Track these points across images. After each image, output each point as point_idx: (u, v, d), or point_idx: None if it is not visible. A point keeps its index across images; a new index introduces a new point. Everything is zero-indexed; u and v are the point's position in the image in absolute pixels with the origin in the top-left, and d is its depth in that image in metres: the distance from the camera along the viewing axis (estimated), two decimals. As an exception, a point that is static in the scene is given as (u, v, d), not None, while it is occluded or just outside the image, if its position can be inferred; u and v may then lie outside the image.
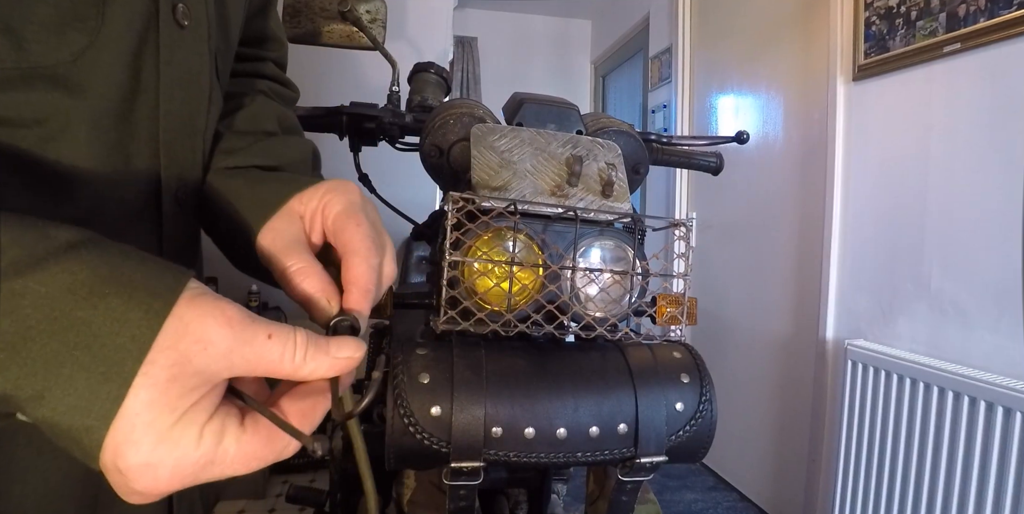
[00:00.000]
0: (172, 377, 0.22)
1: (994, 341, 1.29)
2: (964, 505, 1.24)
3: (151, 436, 0.22)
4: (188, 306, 0.23)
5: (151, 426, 0.22)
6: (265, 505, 1.89)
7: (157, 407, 0.22)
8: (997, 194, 1.28)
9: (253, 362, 0.24)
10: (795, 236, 1.97)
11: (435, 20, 2.28)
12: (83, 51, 0.30)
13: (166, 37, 0.35)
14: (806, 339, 1.88)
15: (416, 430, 0.51)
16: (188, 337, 0.23)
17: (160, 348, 0.22)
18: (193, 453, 0.23)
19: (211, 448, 0.24)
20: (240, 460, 0.25)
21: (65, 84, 0.30)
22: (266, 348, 0.25)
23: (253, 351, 0.24)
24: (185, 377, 0.23)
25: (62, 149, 0.31)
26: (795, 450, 1.93)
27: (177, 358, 0.23)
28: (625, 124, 0.78)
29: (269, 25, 0.56)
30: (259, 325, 0.25)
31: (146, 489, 0.23)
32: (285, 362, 0.25)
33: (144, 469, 0.22)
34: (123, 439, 0.22)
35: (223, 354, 0.24)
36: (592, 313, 0.59)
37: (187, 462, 0.23)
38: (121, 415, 0.22)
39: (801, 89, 1.94)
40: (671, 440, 0.56)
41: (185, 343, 0.23)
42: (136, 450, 0.22)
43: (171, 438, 0.23)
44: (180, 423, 0.23)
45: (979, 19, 1.29)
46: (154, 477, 0.23)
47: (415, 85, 0.94)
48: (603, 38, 4.05)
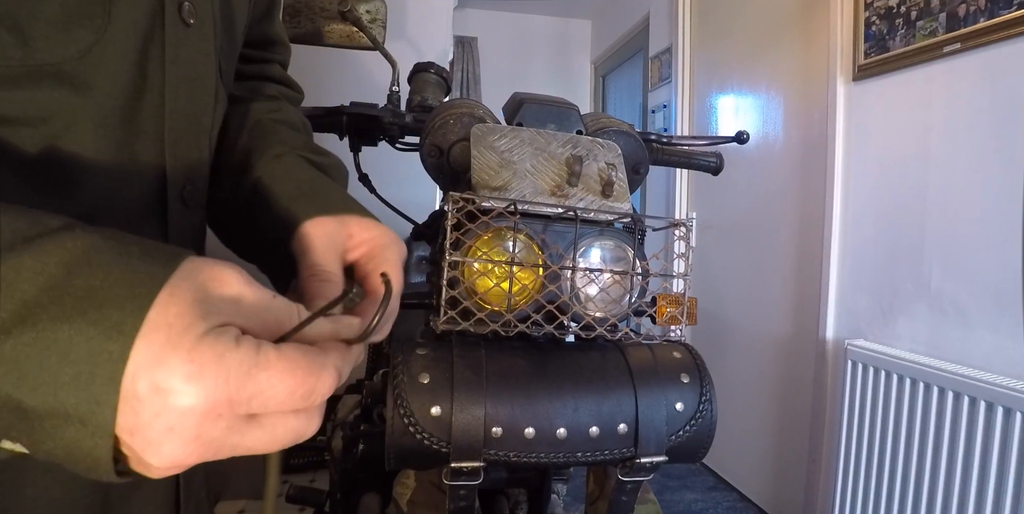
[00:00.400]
0: (195, 299, 0.22)
1: (994, 341, 1.29)
2: (964, 505, 1.24)
3: (188, 338, 0.21)
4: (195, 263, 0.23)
5: (187, 330, 0.21)
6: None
7: (187, 316, 0.21)
8: (997, 194, 1.28)
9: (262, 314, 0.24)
10: (795, 236, 1.97)
11: (435, 20, 2.28)
12: (89, 49, 0.30)
13: (172, 35, 0.35)
14: (806, 339, 1.88)
15: (416, 430, 0.51)
16: (204, 274, 0.23)
17: (180, 278, 0.22)
18: (234, 352, 0.21)
19: (251, 351, 0.22)
20: (283, 368, 0.23)
21: (71, 82, 0.30)
22: (274, 304, 0.25)
23: (262, 303, 0.24)
24: (207, 302, 0.22)
25: (67, 147, 0.30)
26: (795, 450, 1.93)
27: (198, 286, 0.22)
28: (625, 124, 0.78)
29: (274, 28, 0.57)
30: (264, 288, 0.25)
31: (195, 400, 0.21)
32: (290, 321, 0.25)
33: (187, 366, 0.21)
34: (160, 347, 0.20)
35: (236, 296, 0.23)
36: (592, 313, 0.59)
37: (231, 361, 0.21)
38: (150, 326, 0.21)
39: (801, 89, 1.94)
40: (671, 440, 0.56)
41: (202, 278, 0.22)
42: (176, 352, 0.20)
43: (207, 340, 0.21)
44: (214, 330, 0.22)
45: (979, 19, 1.29)
46: (199, 375, 0.21)
47: (415, 85, 0.94)
48: (603, 38, 4.05)
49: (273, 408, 0.23)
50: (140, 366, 0.20)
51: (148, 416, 0.20)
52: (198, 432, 0.21)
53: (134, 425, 0.21)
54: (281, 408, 0.23)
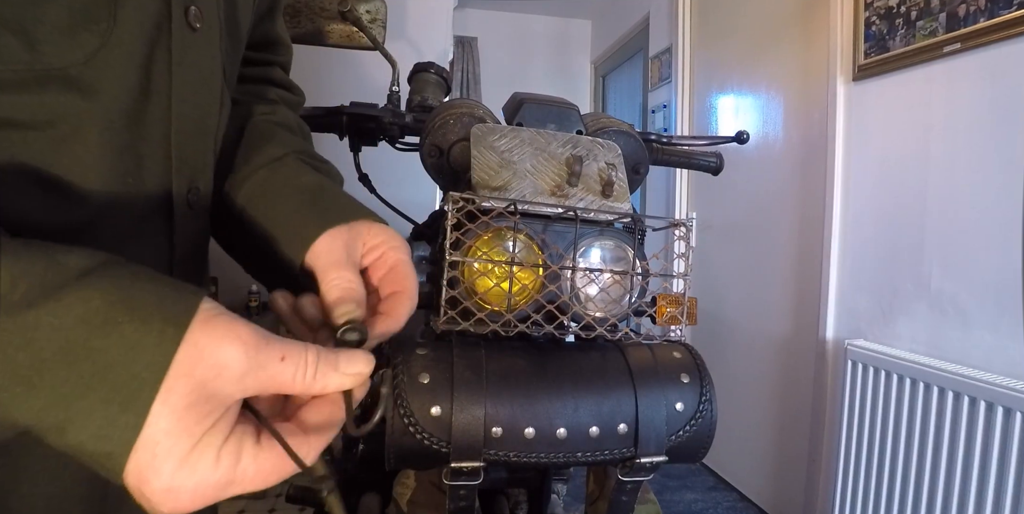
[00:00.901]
0: (189, 404, 0.23)
1: (994, 341, 1.29)
2: (964, 505, 1.24)
3: (171, 463, 0.23)
4: (202, 330, 0.24)
5: (170, 453, 0.23)
6: (265, 505, 1.88)
7: (175, 435, 0.23)
8: (997, 194, 1.28)
9: (266, 383, 0.25)
10: (795, 236, 1.97)
11: (435, 20, 2.28)
12: (95, 53, 0.30)
13: (178, 39, 0.35)
14: (806, 339, 1.88)
15: (416, 430, 0.51)
16: (203, 363, 0.23)
17: (176, 375, 0.23)
18: (212, 476, 0.24)
19: (229, 469, 0.24)
20: (258, 477, 0.25)
21: (77, 86, 0.30)
22: (279, 370, 0.25)
23: (266, 374, 0.25)
24: (201, 403, 0.23)
25: (73, 151, 0.30)
26: (795, 450, 1.93)
27: (194, 385, 0.23)
28: (625, 124, 0.78)
29: (276, 28, 0.56)
30: (273, 347, 0.25)
31: (170, 511, 0.24)
32: (297, 382, 0.26)
33: (166, 494, 0.23)
34: (145, 466, 0.23)
35: (237, 378, 0.24)
36: (592, 313, 0.59)
37: (207, 485, 0.24)
38: (141, 443, 0.23)
39: (801, 89, 1.94)
40: (671, 440, 0.56)
41: (200, 370, 0.23)
42: (158, 476, 0.23)
43: (190, 463, 0.23)
44: (198, 448, 0.23)
45: (979, 19, 1.29)
46: (176, 501, 0.23)
47: (415, 85, 0.94)
48: (603, 38, 4.05)
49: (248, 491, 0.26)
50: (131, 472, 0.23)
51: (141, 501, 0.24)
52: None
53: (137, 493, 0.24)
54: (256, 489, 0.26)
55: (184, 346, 0.23)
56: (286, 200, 0.42)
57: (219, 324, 0.24)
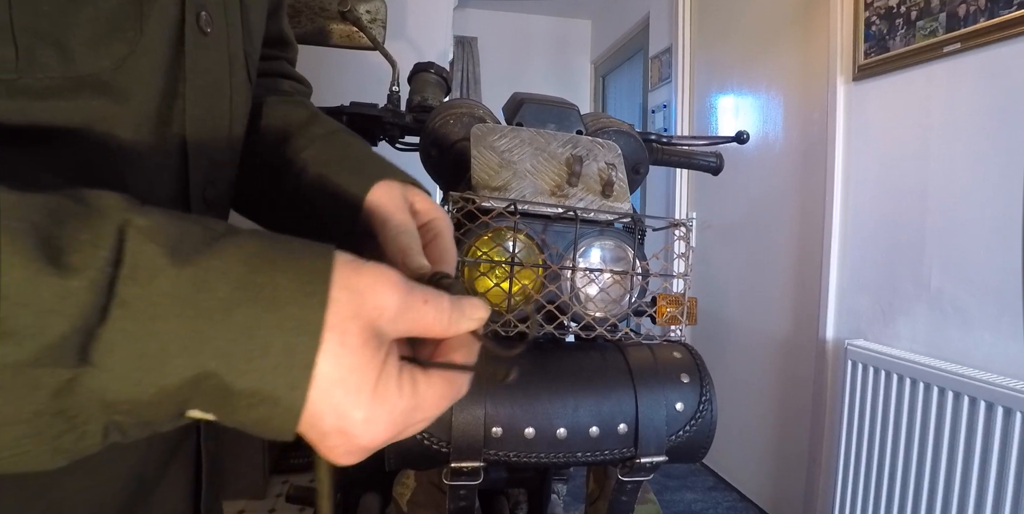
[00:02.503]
0: (364, 342, 0.25)
1: (994, 341, 1.29)
2: (964, 505, 1.24)
3: (364, 394, 0.24)
4: (354, 275, 0.25)
5: (361, 386, 0.24)
6: (265, 505, 1.89)
7: (360, 369, 0.24)
8: (997, 194, 1.28)
9: (411, 325, 0.27)
10: (795, 236, 1.97)
11: (435, 20, 2.28)
12: (124, 59, 0.32)
13: (191, 44, 0.37)
14: (806, 339, 1.88)
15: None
16: (367, 305, 0.25)
17: (346, 317, 0.24)
18: (400, 402, 0.26)
19: (412, 395, 0.26)
20: (433, 403, 0.27)
21: (109, 91, 0.31)
22: (423, 313, 0.27)
23: (414, 316, 0.26)
24: (373, 340, 0.25)
25: (107, 154, 0.32)
26: (795, 450, 1.93)
27: (363, 325, 0.25)
28: (625, 124, 0.78)
29: (282, 26, 0.58)
30: (416, 291, 0.27)
31: (370, 442, 0.25)
32: (437, 324, 0.27)
33: (366, 424, 0.25)
34: (340, 401, 0.24)
35: (392, 318, 0.26)
36: (592, 313, 0.59)
37: (398, 411, 0.26)
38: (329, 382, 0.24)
39: (801, 89, 1.94)
40: (671, 440, 0.56)
41: (366, 310, 0.25)
42: (357, 408, 0.24)
43: (379, 393, 0.25)
44: (381, 379, 0.25)
45: (979, 19, 1.29)
46: (374, 430, 0.25)
47: (415, 85, 0.94)
48: (603, 38, 4.05)
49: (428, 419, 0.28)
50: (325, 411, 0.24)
51: (332, 444, 0.25)
52: (369, 452, 0.27)
53: (318, 442, 0.26)
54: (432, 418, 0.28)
55: (343, 292, 0.24)
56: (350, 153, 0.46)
57: (368, 270, 0.26)
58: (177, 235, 0.23)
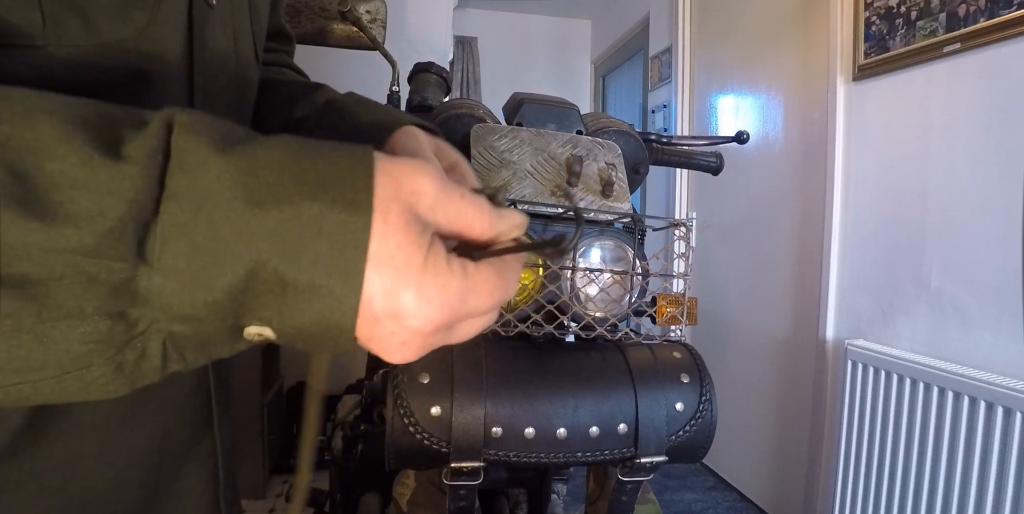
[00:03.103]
0: (406, 221, 0.24)
1: (994, 341, 1.29)
2: (964, 505, 1.24)
3: (413, 271, 0.24)
4: (392, 163, 0.25)
5: (410, 262, 0.23)
6: (265, 505, 1.89)
7: (407, 247, 0.23)
8: (997, 194, 1.28)
9: (451, 218, 0.26)
10: (795, 236, 1.97)
11: (435, 20, 2.28)
12: (144, 27, 0.32)
13: (198, 17, 0.37)
14: (806, 339, 1.88)
15: (416, 430, 0.51)
16: (404, 189, 0.24)
17: (387, 199, 0.24)
18: (451, 281, 0.25)
19: (463, 277, 0.25)
20: (487, 290, 0.26)
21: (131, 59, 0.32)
22: (462, 205, 0.26)
23: (453, 207, 0.25)
24: (415, 222, 0.24)
25: None
26: (795, 450, 1.93)
27: (403, 207, 0.24)
28: (625, 124, 0.78)
29: (280, 20, 0.59)
30: (453, 185, 0.26)
31: (424, 324, 0.24)
32: (477, 221, 0.26)
33: (420, 304, 0.24)
34: (389, 281, 0.23)
35: (431, 206, 0.25)
36: (592, 313, 0.59)
37: (452, 290, 0.25)
38: (378, 260, 0.23)
39: (801, 89, 1.94)
40: (671, 440, 0.56)
41: (404, 194, 0.24)
42: (406, 286, 0.23)
43: (429, 270, 0.24)
44: (430, 257, 0.24)
45: (979, 19, 1.29)
46: (429, 309, 0.24)
47: (415, 85, 0.94)
48: (603, 38, 4.05)
49: (475, 318, 0.27)
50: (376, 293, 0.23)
51: (384, 332, 0.24)
52: (422, 344, 0.25)
53: (371, 336, 0.25)
54: (480, 316, 0.27)
55: (381, 176, 0.24)
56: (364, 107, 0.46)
57: (403, 159, 0.25)
58: (221, 130, 0.23)
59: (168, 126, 0.22)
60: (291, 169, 0.23)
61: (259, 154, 0.23)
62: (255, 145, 0.23)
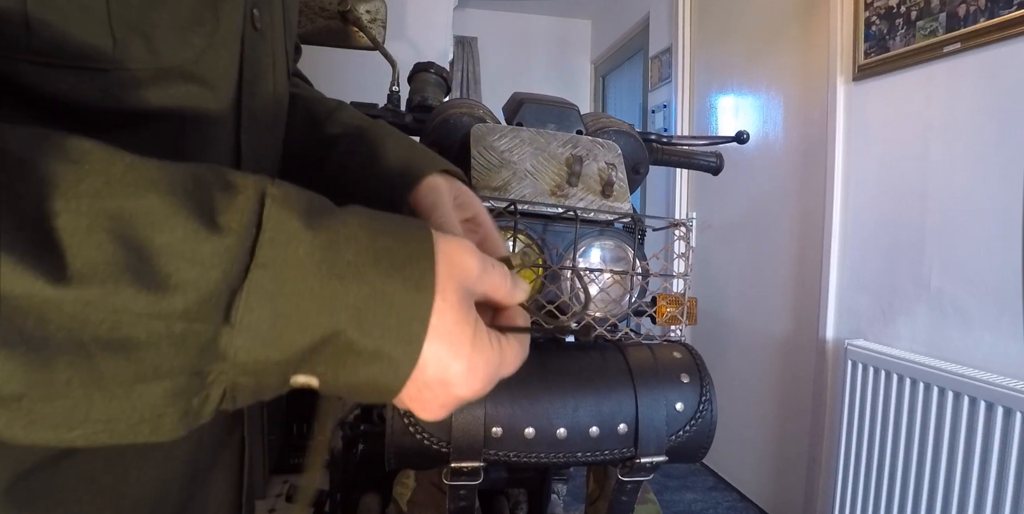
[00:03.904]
0: (459, 300, 0.27)
1: (994, 341, 1.29)
2: (964, 505, 1.24)
3: (466, 346, 0.27)
4: (443, 241, 0.28)
5: (462, 338, 0.27)
6: (265, 505, 1.89)
7: (461, 323, 0.27)
8: (997, 194, 1.28)
9: (484, 288, 0.29)
10: (795, 236, 1.97)
11: (435, 20, 2.28)
12: (204, 52, 0.33)
13: (248, 41, 0.38)
14: (806, 339, 1.88)
15: (416, 430, 0.51)
16: (456, 267, 0.27)
17: (445, 277, 0.27)
18: (492, 355, 0.28)
19: (498, 350, 0.29)
20: (512, 360, 0.30)
21: (191, 82, 0.33)
22: (493, 276, 0.29)
23: (487, 279, 0.29)
24: (466, 300, 0.27)
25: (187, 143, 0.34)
26: (795, 450, 1.93)
27: (456, 285, 0.27)
28: (625, 124, 0.78)
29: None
30: (486, 256, 0.29)
31: (467, 392, 0.28)
32: (501, 289, 0.30)
33: (469, 374, 0.27)
34: (445, 353, 0.26)
35: (476, 279, 0.28)
36: (592, 313, 0.59)
37: (492, 363, 0.28)
38: (436, 334, 0.26)
39: (801, 89, 1.94)
40: (671, 440, 0.56)
41: (456, 271, 0.27)
42: (458, 359, 0.27)
43: (476, 345, 0.27)
44: (476, 334, 0.27)
45: (979, 19, 1.29)
46: (473, 380, 0.27)
47: (415, 85, 0.94)
48: (603, 38, 4.05)
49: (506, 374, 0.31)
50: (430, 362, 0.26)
51: (429, 396, 0.27)
52: (457, 406, 0.29)
53: (415, 396, 0.27)
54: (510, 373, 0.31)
55: (439, 254, 0.27)
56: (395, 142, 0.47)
57: (451, 237, 0.28)
58: (307, 203, 0.25)
59: (261, 198, 0.24)
60: (368, 247, 0.25)
61: (340, 230, 0.25)
62: (336, 220, 0.26)
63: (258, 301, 0.23)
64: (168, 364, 0.22)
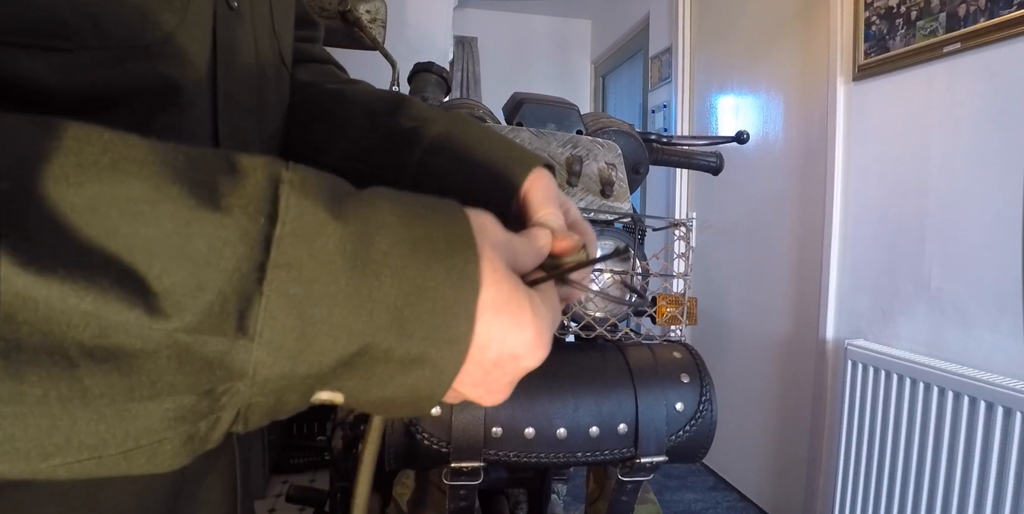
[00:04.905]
0: (506, 267, 0.25)
1: (994, 341, 1.29)
2: (964, 505, 1.24)
3: (526, 313, 0.25)
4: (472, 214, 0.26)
5: (521, 306, 0.25)
6: (265, 505, 1.89)
7: (516, 292, 0.25)
8: (997, 194, 1.28)
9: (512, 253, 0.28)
10: (795, 236, 1.97)
11: (435, 20, 2.28)
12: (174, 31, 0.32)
13: (221, 19, 0.36)
14: (806, 339, 1.88)
15: (416, 430, 0.51)
16: (490, 237, 0.26)
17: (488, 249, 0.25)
18: (549, 314, 0.27)
19: (550, 307, 0.28)
20: (558, 314, 0.29)
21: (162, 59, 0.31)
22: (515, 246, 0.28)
23: (510, 247, 0.28)
24: (507, 269, 0.26)
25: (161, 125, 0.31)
26: (795, 450, 1.93)
27: (499, 254, 0.26)
28: (625, 124, 0.78)
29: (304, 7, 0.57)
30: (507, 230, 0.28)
31: (537, 360, 0.26)
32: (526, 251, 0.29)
33: (537, 340, 0.26)
34: (509, 324, 0.24)
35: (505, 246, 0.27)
36: (592, 313, 0.59)
37: (549, 322, 0.27)
38: (496, 308, 0.24)
39: (801, 89, 1.94)
40: (671, 440, 0.56)
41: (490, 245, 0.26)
42: (524, 328, 0.25)
43: (535, 310, 0.26)
44: (531, 298, 0.26)
45: (979, 19, 1.29)
46: (541, 344, 0.26)
47: (415, 85, 0.94)
48: (603, 38, 4.05)
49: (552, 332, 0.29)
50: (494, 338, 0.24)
51: (497, 375, 0.26)
52: (519, 380, 0.27)
53: (480, 381, 0.26)
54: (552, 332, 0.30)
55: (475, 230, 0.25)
56: (486, 136, 0.44)
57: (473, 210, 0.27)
58: (328, 189, 0.22)
59: (274, 183, 0.20)
60: (404, 236, 0.22)
61: (371, 218, 0.22)
62: (364, 205, 0.22)
63: (282, 307, 0.19)
64: (169, 380, 0.19)
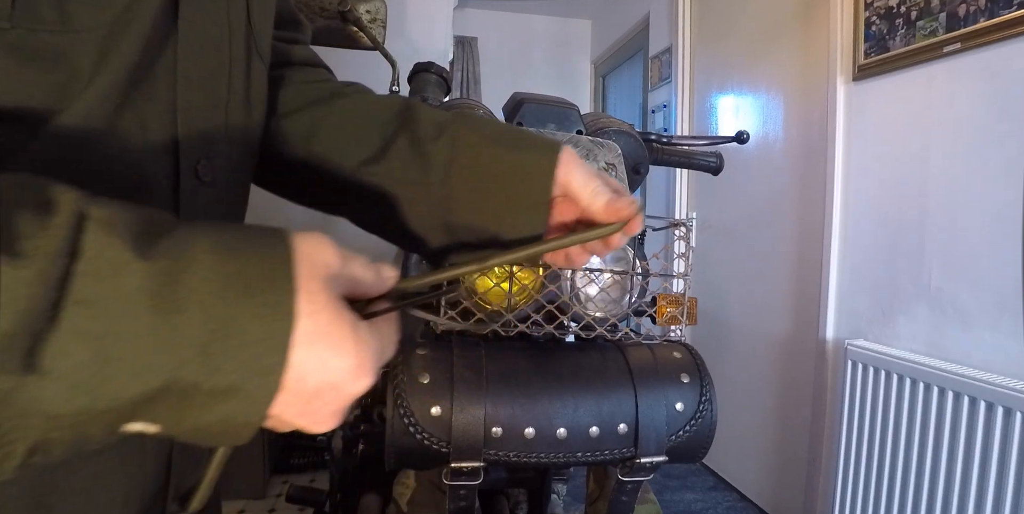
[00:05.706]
0: (328, 298, 0.25)
1: (994, 341, 1.29)
2: (964, 505, 1.24)
3: (348, 342, 0.25)
4: (299, 240, 0.26)
5: (342, 335, 0.25)
6: (265, 505, 1.89)
7: (336, 322, 0.25)
8: (997, 194, 1.28)
9: (348, 280, 0.28)
10: (795, 236, 1.97)
11: (435, 20, 2.28)
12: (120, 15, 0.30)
13: (185, 6, 0.35)
14: (806, 339, 1.88)
15: (416, 430, 0.51)
16: (317, 265, 0.25)
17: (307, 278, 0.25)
18: (376, 343, 0.27)
19: (378, 338, 0.27)
20: (392, 343, 0.29)
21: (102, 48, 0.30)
22: (353, 268, 0.28)
23: (349, 271, 0.27)
24: (334, 297, 0.26)
25: (77, 103, 0.30)
26: (795, 450, 1.93)
27: (322, 284, 0.25)
28: (625, 124, 0.78)
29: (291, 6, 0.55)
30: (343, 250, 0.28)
31: (360, 389, 0.26)
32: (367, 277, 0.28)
33: (358, 369, 0.25)
34: (328, 353, 0.24)
35: (336, 274, 0.27)
36: (592, 313, 0.59)
37: (375, 351, 0.27)
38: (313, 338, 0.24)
39: (801, 89, 1.94)
40: (671, 440, 0.56)
41: (319, 270, 0.25)
42: (344, 356, 0.25)
43: (358, 339, 0.26)
44: (355, 327, 0.26)
45: (979, 19, 1.29)
46: (365, 371, 0.26)
47: (415, 85, 0.94)
48: (603, 38, 4.05)
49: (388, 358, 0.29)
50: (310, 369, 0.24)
51: (319, 405, 0.25)
52: (346, 408, 0.27)
53: (302, 412, 0.25)
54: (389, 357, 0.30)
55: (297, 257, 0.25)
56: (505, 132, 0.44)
57: (305, 236, 0.26)
58: (137, 226, 0.22)
59: (78, 221, 0.20)
60: (215, 272, 0.22)
61: (181, 255, 0.22)
62: (177, 243, 0.22)
63: (76, 345, 0.19)
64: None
